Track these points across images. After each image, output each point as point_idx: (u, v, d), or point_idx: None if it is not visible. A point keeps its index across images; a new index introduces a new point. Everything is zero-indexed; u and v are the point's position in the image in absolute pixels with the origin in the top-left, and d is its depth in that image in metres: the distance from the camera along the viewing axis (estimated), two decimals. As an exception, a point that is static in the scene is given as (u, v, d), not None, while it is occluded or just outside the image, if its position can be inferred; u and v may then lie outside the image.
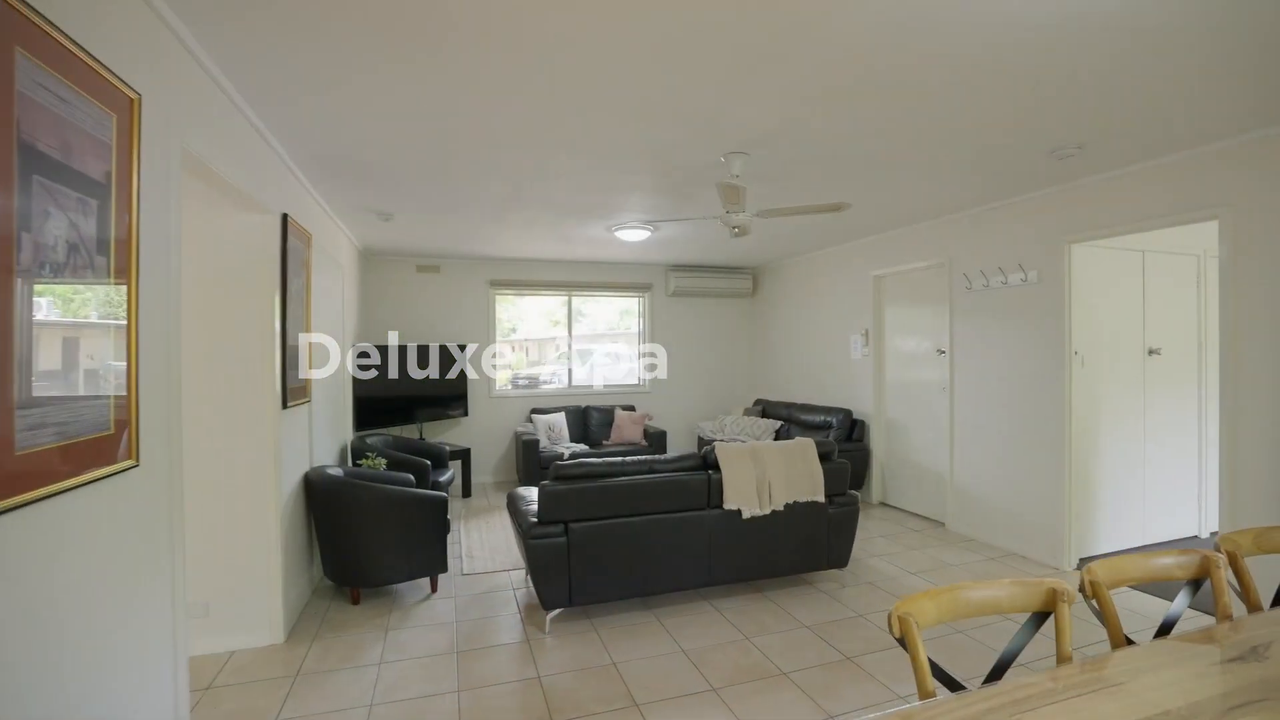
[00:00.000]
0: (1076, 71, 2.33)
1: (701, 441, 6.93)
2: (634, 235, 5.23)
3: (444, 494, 3.64)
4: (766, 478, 3.52)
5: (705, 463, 3.54)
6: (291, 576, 3.23)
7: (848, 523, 3.70)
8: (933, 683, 1.29)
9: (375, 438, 5.26)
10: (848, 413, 5.85)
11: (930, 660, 1.31)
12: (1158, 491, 4.41)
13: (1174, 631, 1.62)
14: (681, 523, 3.36)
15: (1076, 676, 1.28)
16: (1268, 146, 2.99)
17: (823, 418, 6.04)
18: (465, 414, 6.57)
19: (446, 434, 6.73)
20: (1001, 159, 3.37)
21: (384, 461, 4.35)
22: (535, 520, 3.20)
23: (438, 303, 6.74)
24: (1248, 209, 3.07)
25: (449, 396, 6.42)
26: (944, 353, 4.99)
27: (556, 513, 3.17)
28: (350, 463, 4.97)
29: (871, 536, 4.72)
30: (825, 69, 2.30)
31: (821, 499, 3.61)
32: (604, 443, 6.76)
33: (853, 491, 3.86)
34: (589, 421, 6.91)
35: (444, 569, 3.65)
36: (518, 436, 6.39)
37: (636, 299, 7.63)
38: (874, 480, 5.74)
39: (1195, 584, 1.73)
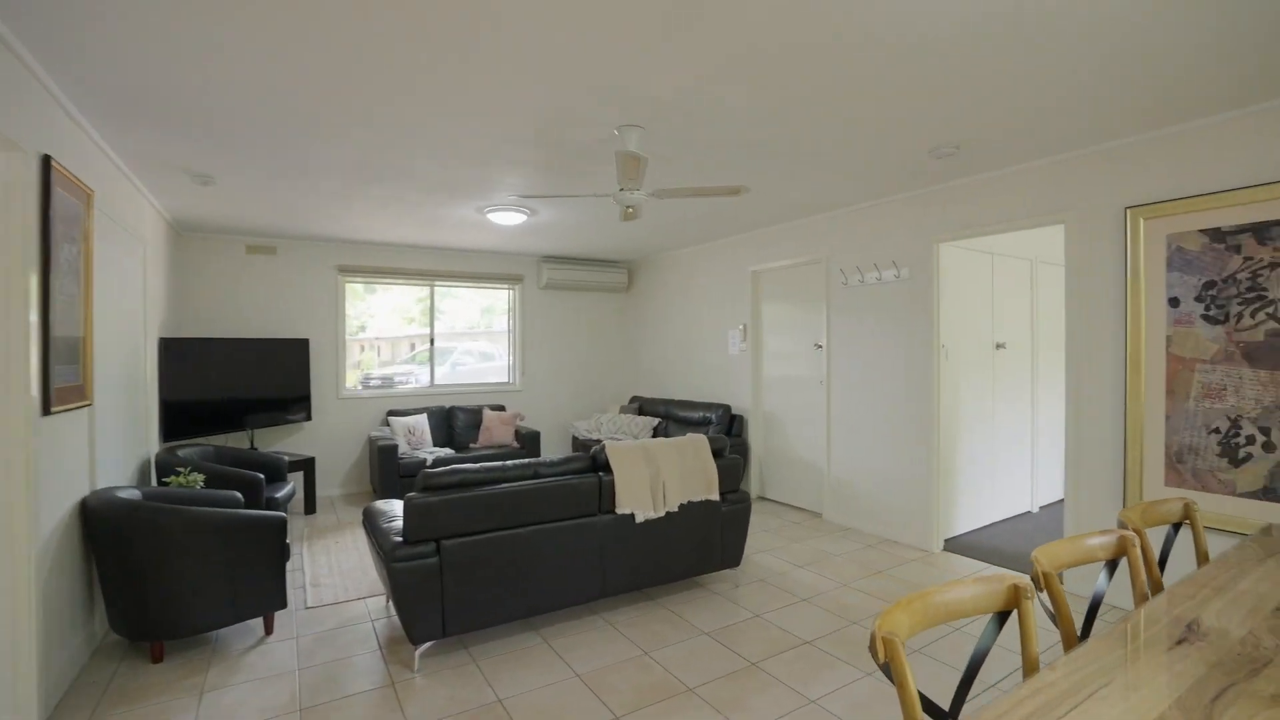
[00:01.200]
0: (965, 71, 2.35)
1: (577, 442, 6.62)
2: (509, 219, 4.80)
3: (281, 514, 3.00)
4: (661, 477, 3.30)
5: (595, 464, 3.25)
6: (56, 637, 2.46)
7: (740, 520, 3.59)
8: (924, 717, 1.09)
9: (191, 449, 4.34)
10: (726, 408, 5.84)
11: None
12: (1001, 473, 4.82)
13: (1101, 612, 1.59)
14: (571, 531, 3.03)
15: (1062, 685, 1.15)
16: (1103, 159, 3.29)
17: (702, 414, 5.99)
18: (308, 418, 5.71)
19: (286, 442, 5.81)
20: (887, 154, 3.43)
21: (201, 478, 3.55)
22: (400, 540, 2.70)
23: (274, 290, 5.79)
24: (1088, 212, 3.37)
25: (289, 399, 5.54)
26: (821, 347, 5.11)
27: (426, 529, 2.70)
28: (155, 481, 4.04)
29: (755, 532, 4.69)
30: (732, 36, 2.10)
31: (716, 497, 3.46)
32: (472, 446, 6.21)
33: (744, 490, 3.76)
34: (454, 423, 6.33)
35: (282, 605, 3.00)
36: (372, 442, 5.66)
37: (507, 291, 7.14)
38: (753, 475, 5.78)
39: (1113, 564, 1.73)
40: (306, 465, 5.25)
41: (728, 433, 5.84)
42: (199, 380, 4.88)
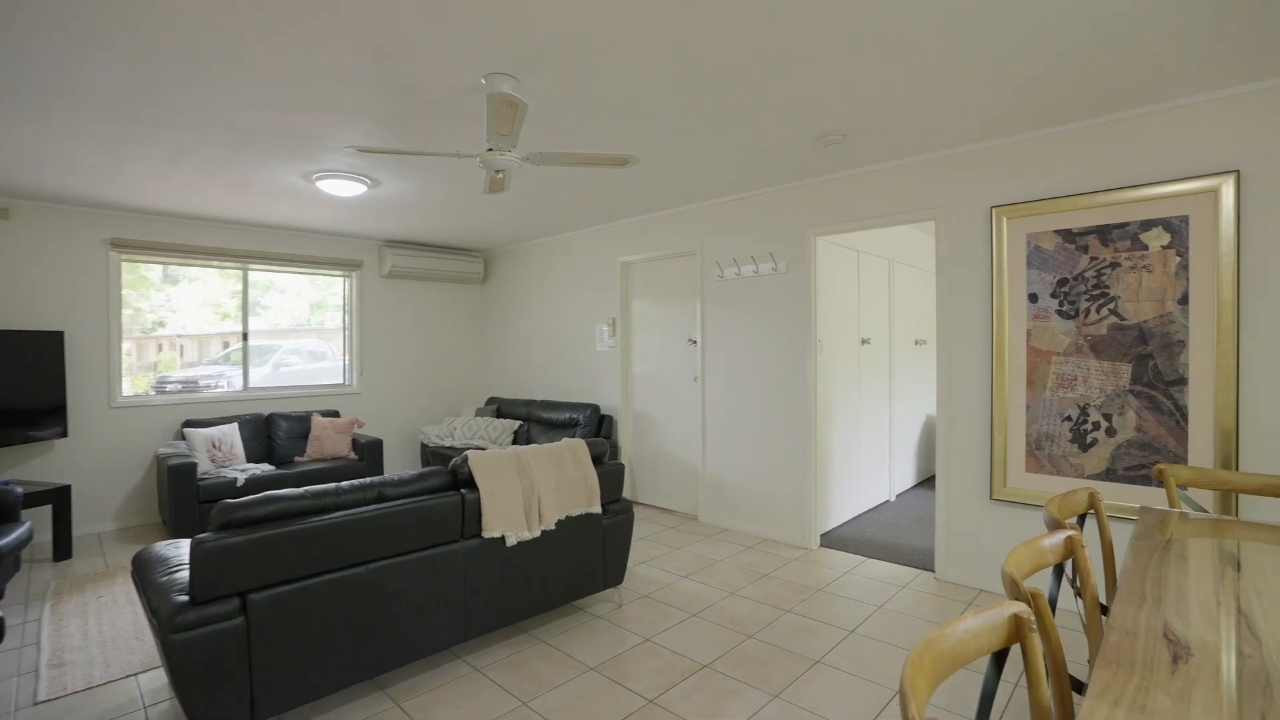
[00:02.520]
0: (866, 53, 2.19)
1: (427, 450, 5.88)
2: (344, 188, 4.03)
3: (-6, 574, 2.11)
4: (536, 491, 2.84)
5: (456, 479, 2.71)
6: None
7: (623, 533, 3.24)
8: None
9: None
10: (594, 408, 5.48)
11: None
12: (866, 465, 4.97)
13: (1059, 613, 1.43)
14: (426, 565, 2.48)
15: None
16: (973, 159, 3.40)
17: (568, 415, 5.57)
18: (63, 434, 4.42)
19: (31, 466, 4.46)
20: (778, 137, 3.26)
21: None
22: (185, 599, 1.98)
23: (8, 268, 4.42)
24: (958, 210, 3.46)
25: (33, 410, 4.23)
26: (695, 342, 4.93)
27: (225, 581, 2.01)
28: None
29: (632, 540, 4.37)
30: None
31: (598, 509, 3.07)
32: (298, 460, 5.25)
33: (626, 499, 3.42)
34: (275, 433, 5.30)
35: (-4, 703, 2.11)
36: (161, 461, 4.53)
37: (343, 279, 6.18)
38: (625, 478, 5.47)
39: (1060, 567, 1.60)
40: (57, 497, 4.03)
41: (596, 434, 5.48)
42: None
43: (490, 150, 2.57)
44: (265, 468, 4.82)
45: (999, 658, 1.12)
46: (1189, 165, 2.81)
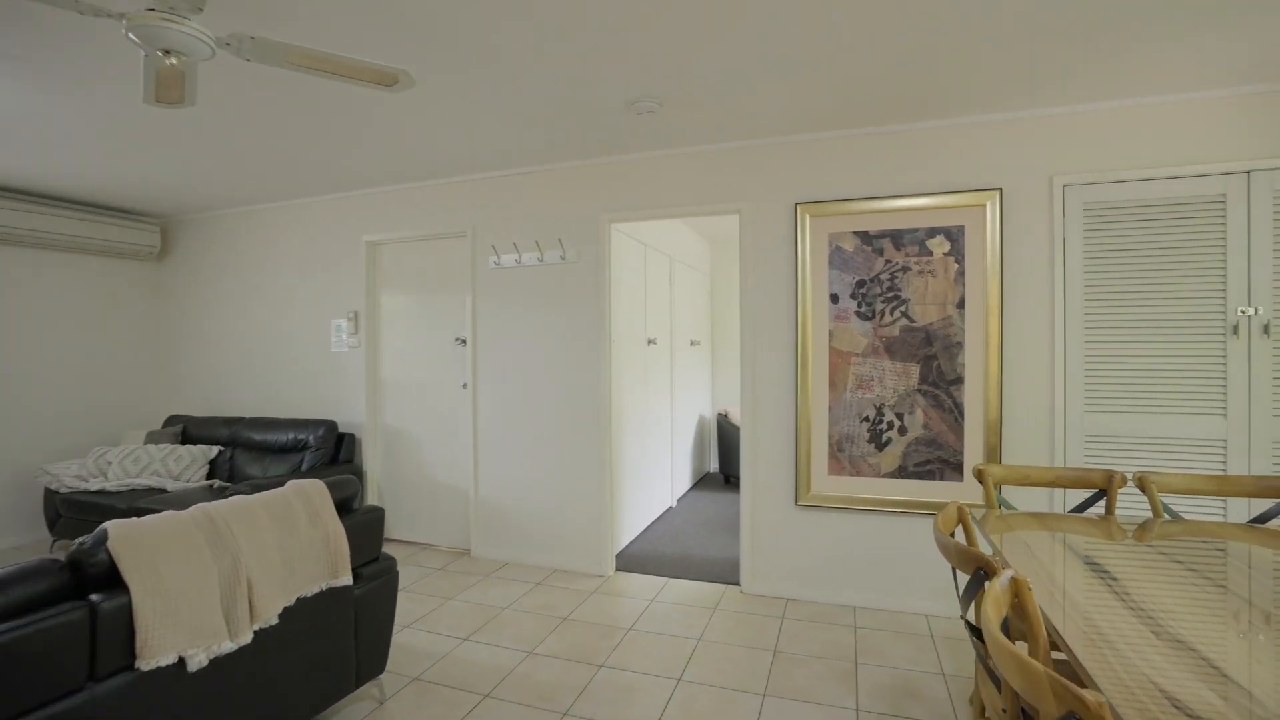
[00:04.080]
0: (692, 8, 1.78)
1: (58, 501, 3.98)
2: None
3: None
4: (243, 572, 1.83)
5: (82, 578, 1.57)
6: None
7: (384, 602, 2.35)
8: None
9: None
10: (330, 425, 4.29)
11: None
12: (652, 473, 4.69)
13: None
14: (15, 744, 1.35)
15: None
16: (778, 152, 3.26)
17: (293, 435, 4.28)
18: None
19: None
20: (581, 91, 2.68)
21: None
22: None
23: None
24: (762, 204, 3.30)
25: None
26: (464, 342, 4.11)
27: None
28: None
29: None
30: None
31: (347, 578, 2.15)
32: None
33: (387, 554, 2.53)
34: None
35: None
36: None
37: (-119, 240, 3.90)
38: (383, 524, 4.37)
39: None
40: None
41: (334, 459, 4.30)
42: None
43: (153, 11, 1.51)
44: None
45: None
46: (964, 179, 2.98)
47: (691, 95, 2.71)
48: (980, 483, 2.27)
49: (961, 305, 2.97)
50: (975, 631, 1.53)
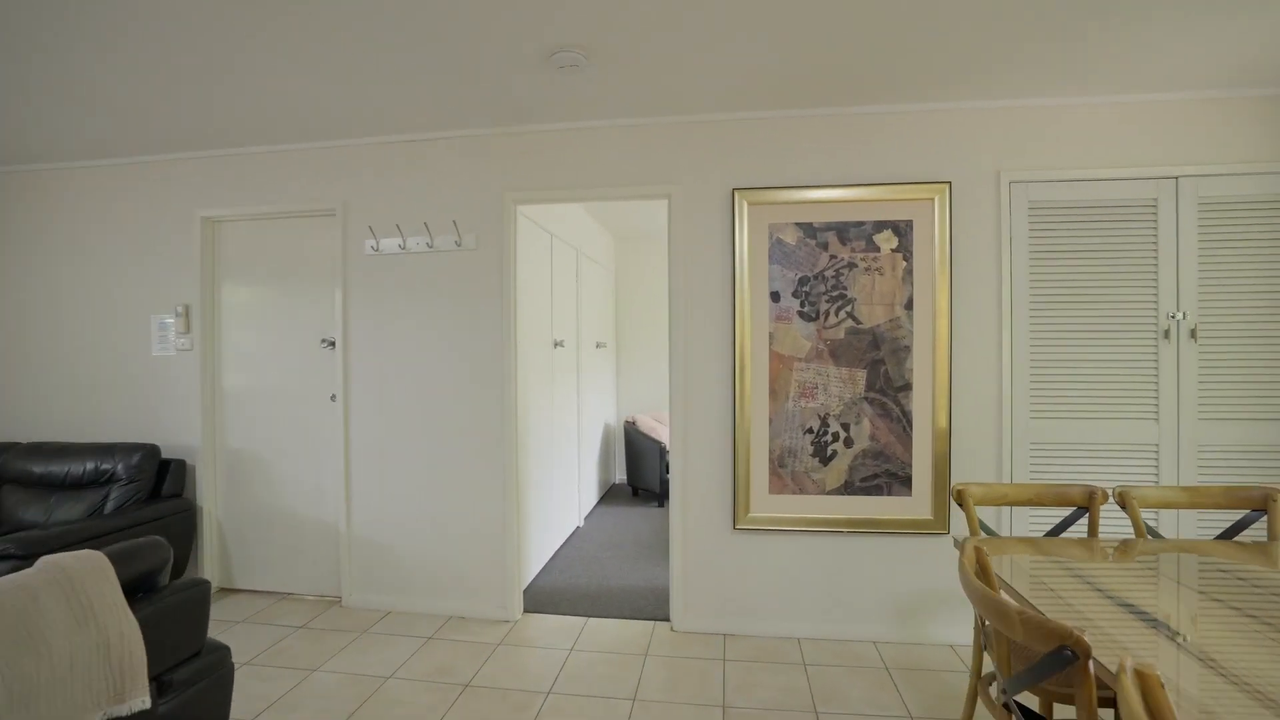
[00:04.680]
0: None
1: None
2: None
3: None
4: (-45, 712, 1.13)
5: None
6: None
7: (210, 713, 1.68)
8: None
9: None
10: (149, 450, 3.36)
11: None
12: (558, 492, 4.17)
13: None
14: None
15: None
16: (712, 131, 2.89)
17: (93, 465, 3.31)
18: None
19: None
20: (487, 35, 2.14)
21: None
22: None
23: None
24: (694, 189, 2.92)
25: None
26: (333, 344, 3.37)
27: None
28: None
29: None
30: None
31: (142, 699, 1.47)
32: None
33: (218, 640, 1.86)
34: None
35: None
36: None
37: None
38: (207, 555, 3.49)
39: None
40: None
41: (153, 494, 3.37)
42: None
43: None
44: None
45: None
46: (913, 170, 2.77)
47: (625, 46, 2.25)
48: (960, 505, 2.01)
49: (910, 306, 2.76)
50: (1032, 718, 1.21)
